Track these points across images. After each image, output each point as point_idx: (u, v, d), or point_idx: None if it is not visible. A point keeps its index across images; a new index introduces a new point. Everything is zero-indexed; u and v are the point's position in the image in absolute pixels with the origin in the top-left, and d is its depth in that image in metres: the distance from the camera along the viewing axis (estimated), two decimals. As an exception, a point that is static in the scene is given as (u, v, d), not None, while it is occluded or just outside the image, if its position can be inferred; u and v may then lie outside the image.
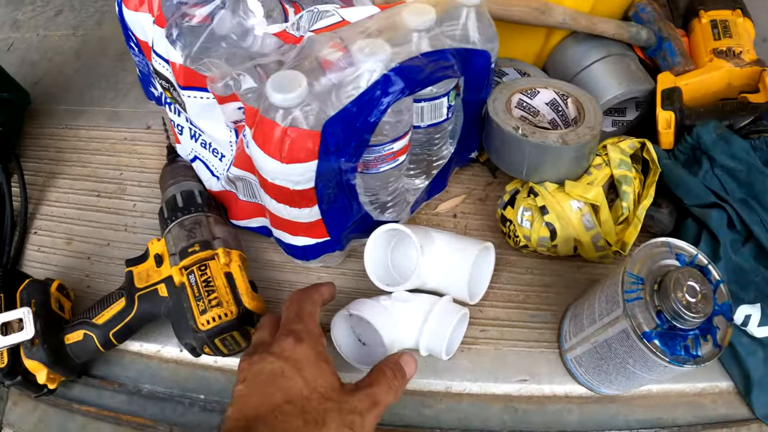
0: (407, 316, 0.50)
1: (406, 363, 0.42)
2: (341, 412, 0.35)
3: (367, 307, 0.48)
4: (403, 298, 0.50)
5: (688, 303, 0.40)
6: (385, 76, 0.42)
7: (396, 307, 0.49)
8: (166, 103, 0.56)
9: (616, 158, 0.55)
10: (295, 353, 0.37)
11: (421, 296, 0.51)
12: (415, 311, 0.50)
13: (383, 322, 0.47)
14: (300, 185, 0.45)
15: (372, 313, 0.47)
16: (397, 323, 0.49)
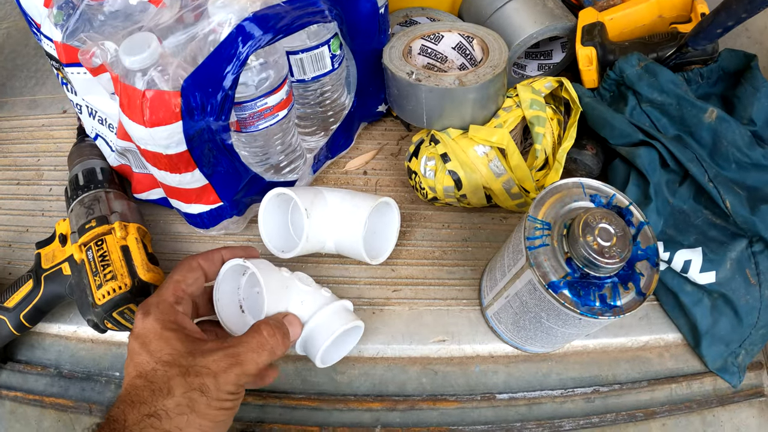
0: (297, 301, 0.43)
1: (290, 323, 0.40)
2: (188, 374, 0.33)
3: (266, 268, 0.43)
4: (306, 281, 0.45)
5: (600, 247, 0.37)
6: (239, 26, 0.40)
7: (293, 286, 0.44)
8: (63, 84, 0.56)
9: (528, 98, 0.51)
10: (142, 328, 0.36)
11: (322, 291, 0.45)
12: (307, 302, 0.44)
13: (272, 290, 0.42)
14: (171, 149, 0.43)
15: (266, 277, 0.42)
16: (284, 301, 0.43)
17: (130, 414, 0.32)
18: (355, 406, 0.49)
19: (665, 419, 0.51)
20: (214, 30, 0.41)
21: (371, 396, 0.49)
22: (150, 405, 0.32)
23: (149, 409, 0.32)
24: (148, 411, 0.32)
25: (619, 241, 0.38)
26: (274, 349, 0.37)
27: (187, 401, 0.33)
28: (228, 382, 0.34)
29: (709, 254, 0.51)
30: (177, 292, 0.39)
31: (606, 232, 0.38)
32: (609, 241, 0.38)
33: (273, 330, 0.38)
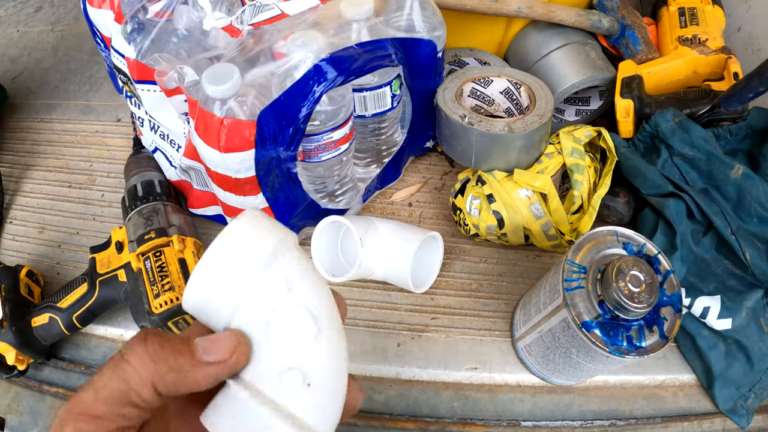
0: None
1: (207, 340, 0.23)
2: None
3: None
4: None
5: (630, 293, 0.40)
6: (316, 66, 0.43)
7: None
8: (127, 97, 0.58)
9: (569, 146, 0.54)
10: None
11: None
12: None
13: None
14: (241, 174, 0.46)
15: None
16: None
17: None
18: (390, 425, 0.51)
19: (675, 455, 0.54)
20: (293, 67, 0.44)
21: (405, 416, 0.52)
22: None
23: None
24: None
25: (647, 288, 0.41)
26: (122, 357, 0.22)
27: None
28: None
29: (727, 302, 0.55)
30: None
31: (636, 279, 0.41)
32: (639, 287, 0.41)
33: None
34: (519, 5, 0.57)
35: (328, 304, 0.25)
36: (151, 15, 0.53)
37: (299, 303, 0.24)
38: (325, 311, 0.24)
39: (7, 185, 0.65)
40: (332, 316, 0.25)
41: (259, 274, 0.23)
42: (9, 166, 0.67)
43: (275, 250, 0.24)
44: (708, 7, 0.65)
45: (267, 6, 0.48)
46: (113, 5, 0.57)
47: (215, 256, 0.23)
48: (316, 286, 0.25)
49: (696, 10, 0.65)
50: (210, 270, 0.23)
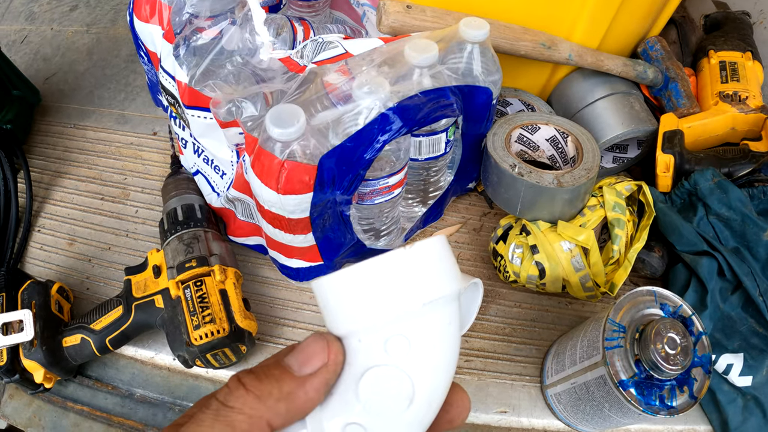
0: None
1: (296, 352, 0.23)
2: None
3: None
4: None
5: (666, 354, 0.41)
6: (383, 115, 0.43)
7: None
8: (172, 117, 0.57)
9: (611, 201, 0.55)
10: None
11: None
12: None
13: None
14: (295, 215, 0.46)
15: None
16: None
17: None
18: (419, 466, 0.52)
19: (690, 505, 0.56)
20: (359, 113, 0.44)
21: (434, 457, 0.53)
22: None
23: None
24: None
25: (682, 350, 0.42)
26: (222, 404, 0.21)
27: None
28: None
29: (749, 360, 0.56)
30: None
31: (673, 341, 0.42)
32: (674, 350, 0.42)
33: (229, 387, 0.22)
34: (570, 53, 0.58)
35: (438, 382, 0.22)
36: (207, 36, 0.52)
37: (407, 370, 0.21)
38: (430, 388, 0.22)
39: (36, 191, 0.64)
40: (435, 393, 0.22)
41: (406, 316, 0.21)
42: (39, 171, 0.65)
43: (437, 300, 0.21)
44: (749, 63, 0.66)
45: (330, 44, 0.48)
46: (162, 21, 0.56)
47: (390, 265, 0.21)
48: (439, 362, 0.22)
49: (737, 65, 0.66)
50: (378, 274, 0.21)
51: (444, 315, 0.22)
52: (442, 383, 0.22)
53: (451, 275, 0.22)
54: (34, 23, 0.78)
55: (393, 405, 0.21)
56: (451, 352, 0.22)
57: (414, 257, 0.21)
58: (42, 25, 0.77)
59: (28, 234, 0.63)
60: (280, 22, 0.57)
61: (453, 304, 0.22)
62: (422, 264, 0.21)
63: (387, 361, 0.21)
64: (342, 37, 0.49)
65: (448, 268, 0.22)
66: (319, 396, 0.22)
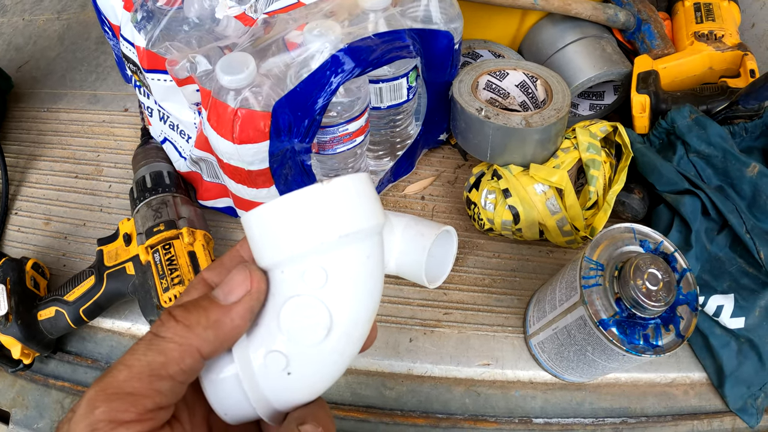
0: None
1: (222, 285, 0.23)
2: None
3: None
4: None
5: (648, 291, 0.40)
6: (333, 57, 0.42)
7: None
8: (136, 86, 0.57)
9: (585, 142, 0.54)
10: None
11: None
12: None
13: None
14: (254, 165, 0.45)
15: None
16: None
17: None
18: (401, 421, 0.51)
19: (686, 453, 0.54)
20: (309, 57, 0.43)
21: (417, 412, 0.51)
22: None
23: None
24: None
25: (665, 286, 0.40)
26: (155, 334, 0.22)
27: None
28: (77, 419, 0.20)
29: (740, 301, 0.54)
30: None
31: (654, 277, 0.41)
32: (656, 286, 0.40)
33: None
34: (535, -2, 0.57)
35: (356, 314, 0.23)
36: (162, 3, 0.52)
37: (325, 300, 0.22)
38: (347, 319, 0.22)
39: (12, 176, 0.64)
40: (354, 325, 0.23)
41: (323, 247, 0.21)
42: (14, 156, 0.66)
43: (354, 233, 0.22)
44: (724, 3, 0.65)
45: (282, -6, 0.47)
46: (122, -7, 0.56)
47: (309, 199, 0.22)
48: (357, 294, 0.23)
49: (712, 5, 0.64)
50: (297, 207, 0.22)
51: (362, 248, 0.22)
52: (361, 315, 0.22)
53: (370, 211, 0.22)
54: (6, 15, 0.78)
55: (312, 334, 0.22)
56: (371, 286, 0.23)
57: (332, 191, 0.22)
58: (14, 17, 0.78)
59: (5, 218, 0.63)
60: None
61: (373, 238, 0.23)
62: (340, 198, 0.22)
63: (305, 291, 0.22)
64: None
65: (367, 203, 0.23)
66: (245, 323, 0.23)
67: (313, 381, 0.23)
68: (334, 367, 0.23)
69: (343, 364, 0.23)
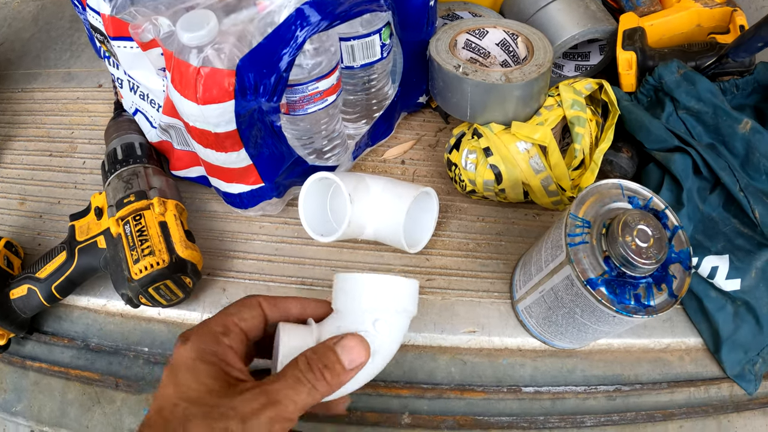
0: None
1: (345, 349, 0.32)
2: (209, 417, 0.28)
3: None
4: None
5: (638, 248, 0.38)
6: (298, 10, 0.41)
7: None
8: (105, 57, 0.56)
9: (569, 98, 0.52)
10: (176, 357, 0.31)
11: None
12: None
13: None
14: (220, 127, 0.43)
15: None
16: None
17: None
18: (384, 392, 0.49)
19: (682, 422, 0.52)
20: (274, 12, 0.41)
21: (400, 383, 0.50)
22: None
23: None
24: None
25: (655, 243, 0.38)
26: (314, 386, 0.30)
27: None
28: (258, 428, 0.27)
29: (735, 262, 0.52)
30: (226, 323, 0.32)
31: (644, 234, 0.39)
32: (646, 242, 0.38)
33: (312, 364, 0.31)
34: (514, -46, 0.55)
35: (390, 347, 0.36)
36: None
37: (379, 336, 0.35)
38: (385, 351, 0.35)
39: (-14, 157, 0.63)
40: (387, 354, 0.36)
41: (391, 312, 0.35)
42: (-12, 137, 0.64)
43: (406, 312, 0.36)
44: (712, -42, 0.63)
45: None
46: (89, -38, 0.55)
47: (391, 282, 0.35)
48: (393, 340, 0.36)
49: (700, -39, 0.62)
50: (387, 284, 0.35)
51: (404, 319, 0.36)
52: (393, 348, 0.35)
53: (416, 302, 0.36)
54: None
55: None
56: (401, 336, 0.36)
57: (407, 284, 0.35)
58: (-12, 0, 0.77)
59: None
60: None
61: (410, 317, 0.36)
62: (409, 290, 0.35)
63: (370, 331, 0.34)
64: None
65: (415, 298, 0.36)
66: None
67: (350, 386, 0.34)
68: (366, 377, 0.34)
69: (368, 377, 0.35)
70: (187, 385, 0.29)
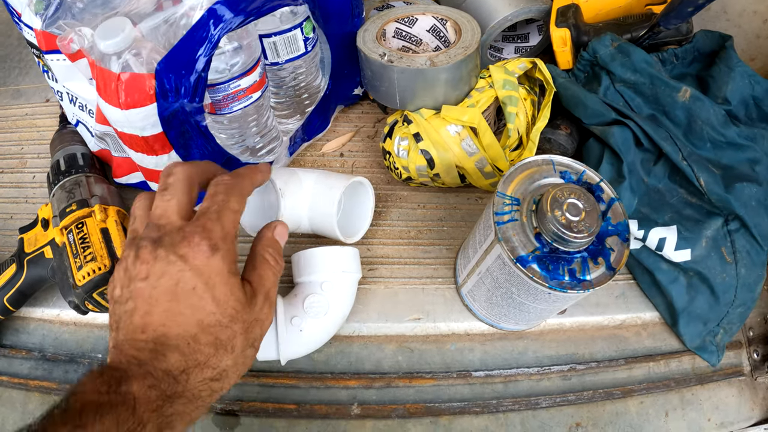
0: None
1: (280, 235, 0.37)
2: (247, 331, 0.32)
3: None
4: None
5: (568, 222, 0.38)
6: (211, 9, 0.41)
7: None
8: (44, 72, 0.56)
9: (500, 79, 0.52)
10: (208, 266, 0.30)
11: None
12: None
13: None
14: (146, 131, 0.44)
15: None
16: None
17: (192, 375, 0.29)
18: (332, 384, 0.49)
19: (643, 397, 0.52)
20: (187, 14, 0.42)
21: (348, 374, 0.50)
22: (213, 367, 0.30)
23: (212, 372, 0.30)
24: (211, 374, 0.30)
25: (587, 216, 0.38)
26: (280, 273, 0.35)
27: (243, 358, 0.32)
28: (269, 324, 0.34)
29: (684, 232, 0.52)
30: (236, 226, 0.34)
31: (575, 207, 0.38)
32: (577, 216, 0.38)
33: (274, 255, 0.35)
34: (440, -62, 0.55)
35: (341, 308, 0.47)
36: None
37: (329, 298, 0.46)
38: (337, 308, 0.47)
39: (-60, 177, 0.64)
40: (338, 313, 0.47)
41: (336, 274, 0.46)
42: (-58, 159, 0.65)
43: (350, 273, 0.47)
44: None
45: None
46: (22, -22, 0.55)
47: (333, 250, 0.46)
48: (343, 298, 0.47)
49: (634, -68, 0.62)
50: (328, 253, 0.47)
51: (350, 279, 0.45)
52: (344, 306, 0.44)
53: (357, 265, 0.47)
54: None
55: (318, 313, 0.45)
56: (349, 295, 0.45)
57: (344, 250, 0.46)
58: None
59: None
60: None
61: (355, 277, 0.46)
62: (346, 254, 0.46)
63: (319, 292, 0.43)
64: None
65: (356, 260, 0.47)
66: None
67: (313, 339, 0.41)
68: (325, 333, 0.42)
69: (328, 333, 0.44)
70: (226, 301, 0.31)
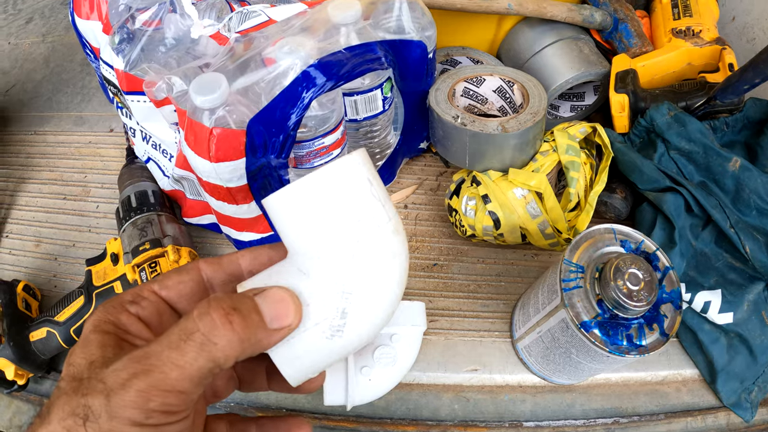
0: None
1: (267, 299, 0.24)
2: (74, 394, 0.22)
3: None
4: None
5: (629, 291, 0.40)
6: (304, 72, 0.43)
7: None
8: (118, 108, 0.58)
9: (564, 144, 0.54)
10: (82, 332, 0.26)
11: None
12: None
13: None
14: (232, 183, 0.45)
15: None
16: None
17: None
18: (391, 429, 0.51)
19: (680, 450, 0.54)
20: (280, 74, 0.44)
21: (406, 420, 0.52)
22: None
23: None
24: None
25: (646, 286, 0.40)
26: (208, 339, 0.22)
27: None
28: (125, 404, 0.21)
29: (727, 296, 0.54)
30: (141, 291, 0.27)
31: (635, 277, 0.41)
32: (637, 286, 0.40)
33: (209, 305, 0.23)
34: (509, 2, 0.57)
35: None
36: (140, 25, 0.52)
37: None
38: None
39: (2, 199, 0.65)
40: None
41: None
42: (4, 180, 0.66)
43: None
44: (701, -2, 0.65)
45: (254, 13, 0.48)
46: (101, 16, 0.57)
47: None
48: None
49: (689, 1, 0.64)
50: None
51: (418, 330, 0.43)
52: (411, 357, 0.39)
53: (423, 319, 0.44)
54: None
55: (387, 363, 0.41)
56: (415, 347, 0.41)
57: (414, 305, 0.43)
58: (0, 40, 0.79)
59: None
60: (219, 5, 0.58)
61: (423, 328, 0.43)
62: (415, 309, 0.44)
63: (389, 344, 0.39)
64: (267, 6, 0.49)
65: (422, 315, 0.43)
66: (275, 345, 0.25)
67: (380, 387, 0.36)
68: (391, 382, 0.37)
69: (394, 382, 0.38)
70: (76, 360, 0.23)
